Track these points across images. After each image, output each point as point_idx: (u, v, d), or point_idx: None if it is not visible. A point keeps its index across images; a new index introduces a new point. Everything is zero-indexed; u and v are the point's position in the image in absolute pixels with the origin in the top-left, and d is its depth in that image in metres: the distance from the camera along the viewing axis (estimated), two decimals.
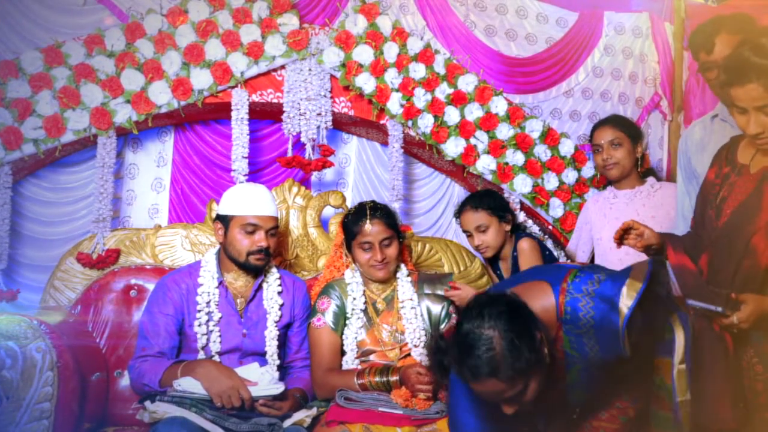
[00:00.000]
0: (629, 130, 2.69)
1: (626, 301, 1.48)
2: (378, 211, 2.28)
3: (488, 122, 3.02)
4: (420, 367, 2.05)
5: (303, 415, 2.07)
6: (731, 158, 1.78)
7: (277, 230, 2.30)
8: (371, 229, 2.24)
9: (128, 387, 2.27)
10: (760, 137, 1.62)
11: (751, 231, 1.61)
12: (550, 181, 3.10)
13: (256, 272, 2.28)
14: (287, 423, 2.02)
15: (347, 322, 2.27)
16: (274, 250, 2.28)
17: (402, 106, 2.93)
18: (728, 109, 1.74)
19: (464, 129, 3.00)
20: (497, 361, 1.42)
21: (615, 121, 2.72)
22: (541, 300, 1.56)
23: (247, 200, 2.23)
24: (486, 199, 2.58)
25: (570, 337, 1.54)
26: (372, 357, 2.24)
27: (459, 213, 2.63)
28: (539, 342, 1.46)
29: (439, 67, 3.00)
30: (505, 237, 2.60)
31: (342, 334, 2.26)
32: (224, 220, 2.24)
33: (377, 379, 2.09)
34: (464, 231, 2.63)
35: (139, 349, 2.16)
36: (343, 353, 2.26)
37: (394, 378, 2.08)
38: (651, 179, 2.70)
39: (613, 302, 1.49)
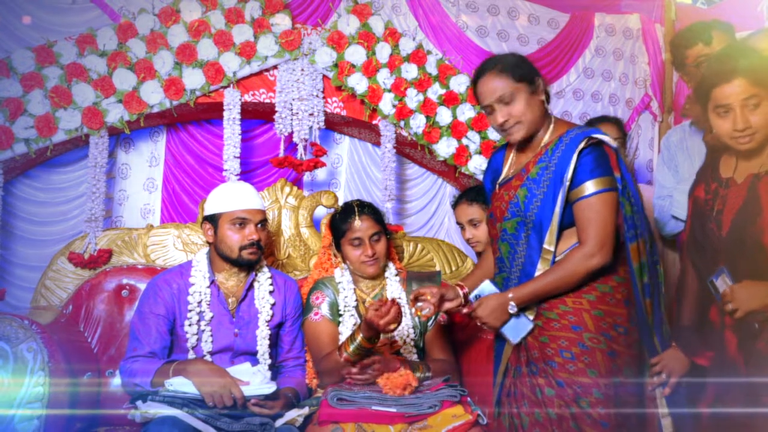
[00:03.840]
0: (625, 134, 2.78)
1: (600, 135, 1.80)
2: (366, 207, 2.33)
3: (480, 122, 3.03)
4: (372, 307, 2.01)
5: (295, 415, 2.07)
6: (715, 175, 1.84)
7: (265, 223, 2.31)
8: (360, 225, 2.27)
9: (120, 387, 2.26)
10: (746, 133, 1.67)
11: (758, 232, 1.66)
12: None
13: (249, 268, 2.29)
14: (279, 422, 2.03)
15: (341, 318, 2.28)
16: (264, 244, 2.29)
17: (394, 106, 2.93)
18: (704, 119, 1.78)
19: (456, 129, 3.01)
20: (501, 58, 1.88)
21: (618, 122, 2.79)
22: (565, 122, 1.93)
23: (232, 196, 2.26)
24: (483, 194, 2.59)
25: (547, 161, 1.84)
26: None
27: (455, 205, 2.65)
28: (537, 76, 1.86)
29: (431, 68, 3.00)
30: None
31: (338, 326, 2.27)
32: (213, 219, 2.25)
33: (351, 347, 2.07)
34: (458, 223, 2.65)
35: (131, 350, 2.16)
36: None
37: (359, 337, 2.05)
38: None
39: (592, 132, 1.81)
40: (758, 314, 1.64)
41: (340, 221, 2.32)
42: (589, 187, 1.77)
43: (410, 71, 2.96)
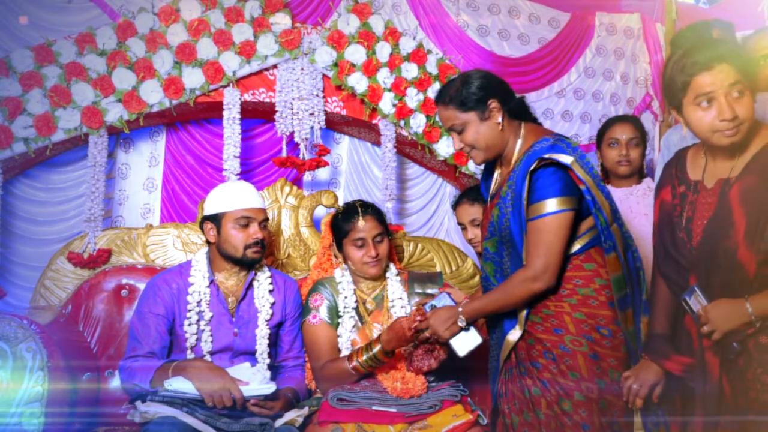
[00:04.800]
0: (644, 133, 2.74)
1: (558, 155, 1.72)
2: (369, 207, 2.31)
3: None
4: (402, 318, 2.02)
5: (294, 415, 2.06)
6: (682, 176, 1.74)
7: (267, 222, 2.31)
8: (364, 225, 2.25)
9: (119, 387, 2.25)
10: (734, 124, 1.54)
11: (731, 246, 1.58)
12: None
13: (250, 268, 2.28)
14: (279, 423, 2.02)
15: (340, 320, 2.26)
16: (267, 243, 2.29)
17: (394, 105, 2.92)
18: (682, 113, 1.64)
19: None
20: (449, 89, 1.86)
21: (635, 121, 2.74)
22: (535, 133, 1.85)
23: (235, 196, 2.25)
24: None
25: (513, 179, 1.80)
26: None
27: (455, 205, 2.64)
28: (487, 98, 1.81)
29: (432, 67, 2.99)
30: None
31: (336, 329, 2.26)
32: (215, 219, 2.24)
33: (365, 357, 2.07)
34: (459, 223, 2.64)
35: (130, 350, 2.15)
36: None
37: (377, 348, 2.05)
38: (648, 180, 2.73)
39: (553, 149, 1.74)
40: (737, 334, 1.57)
41: (342, 221, 2.30)
42: (538, 209, 1.74)
43: (410, 70, 2.95)
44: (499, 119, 1.83)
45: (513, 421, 1.83)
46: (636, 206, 2.62)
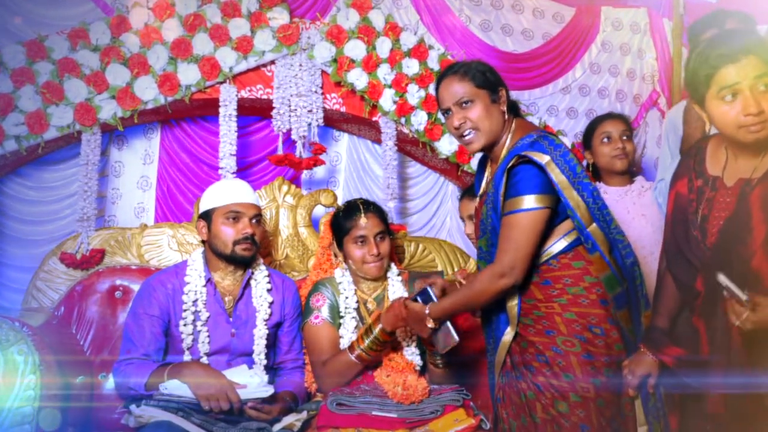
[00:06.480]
0: (631, 129, 2.73)
1: (535, 153, 1.73)
2: (371, 205, 2.31)
3: None
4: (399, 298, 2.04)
5: (293, 419, 2.05)
6: (700, 169, 1.69)
7: (260, 219, 2.29)
8: (366, 222, 2.24)
9: (113, 390, 2.22)
10: (760, 119, 1.48)
11: (747, 253, 1.53)
12: None
13: (244, 266, 2.24)
14: (277, 427, 2.00)
15: (341, 321, 2.24)
16: (259, 240, 2.26)
17: (395, 102, 2.89)
18: (705, 107, 1.58)
19: None
20: (466, 64, 1.88)
21: (623, 117, 2.75)
22: (522, 129, 1.85)
23: (225, 191, 2.24)
24: None
25: (497, 175, 1.80)
26: None
27: (460, 198, 2.64)
28: (501, 86, 1.86)
29: (433, 63, 2.96)
30: None
31: (338, 329, 2.23)
32: (207, 216, 2.22)
33: (367, 342, 2.08)
34: (461, 217, 2.63)
35: (124, 352, 2.12)
36: None
37: (377, 329, 2.06)
38: (641, 179, 2.71)
39: (532, 146, 1.76)
40: None
41: (343, 219, 2.28)
42: (512, 204, 1.75)
43: (411, 66, 2.92)
44: (504, 108, 1.86)
45: (511, 426, 1.82)
46: (633, 207, 2.60)
